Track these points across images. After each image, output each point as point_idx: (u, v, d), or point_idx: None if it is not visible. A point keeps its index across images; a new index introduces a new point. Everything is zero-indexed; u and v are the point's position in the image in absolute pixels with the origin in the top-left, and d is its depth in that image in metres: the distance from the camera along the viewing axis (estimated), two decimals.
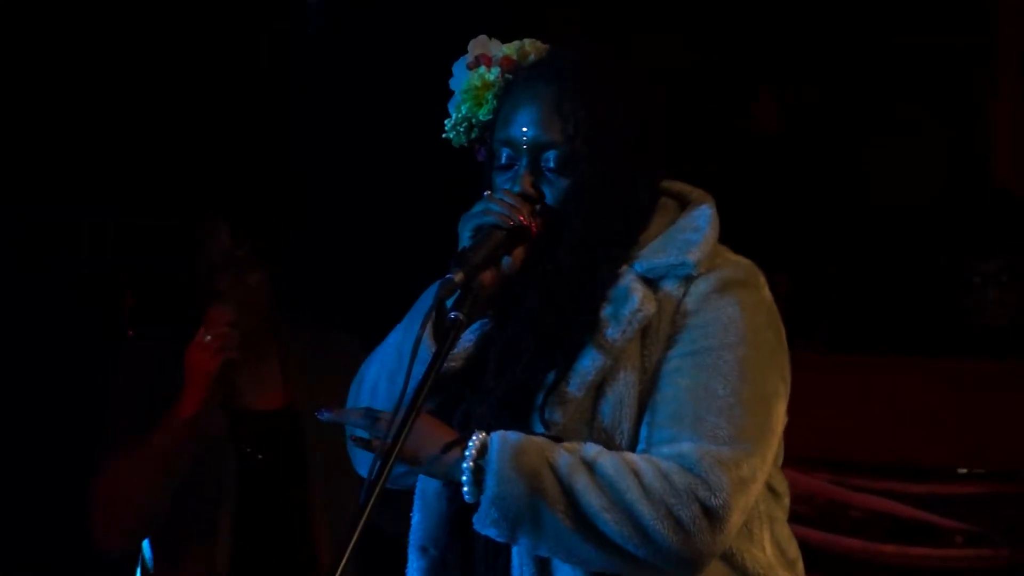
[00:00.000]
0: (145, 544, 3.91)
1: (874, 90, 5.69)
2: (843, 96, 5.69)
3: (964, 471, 4.45)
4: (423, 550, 2.61)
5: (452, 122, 2.65)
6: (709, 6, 5.60)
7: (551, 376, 2.49)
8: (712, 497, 2.39)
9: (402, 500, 2.67)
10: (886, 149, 5.68)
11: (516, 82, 2.60)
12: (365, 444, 2.47)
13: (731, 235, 2.63)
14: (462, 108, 2.63)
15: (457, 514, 2.52)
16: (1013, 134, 5.73)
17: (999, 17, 5.70)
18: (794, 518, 2.67)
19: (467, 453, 2.41)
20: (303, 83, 5.02)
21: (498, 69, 2.62)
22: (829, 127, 5.72)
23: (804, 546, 2.67)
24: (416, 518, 2.62)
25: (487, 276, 2.48)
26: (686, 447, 2.42)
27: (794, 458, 2.69)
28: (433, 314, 2.45)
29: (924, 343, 4.92)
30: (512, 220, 2.49)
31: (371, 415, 2.45)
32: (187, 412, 3.72)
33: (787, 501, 2.63)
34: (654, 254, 2.54)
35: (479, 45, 2.64)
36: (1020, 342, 4.83)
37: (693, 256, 2.52)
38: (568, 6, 5.12)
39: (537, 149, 2.54)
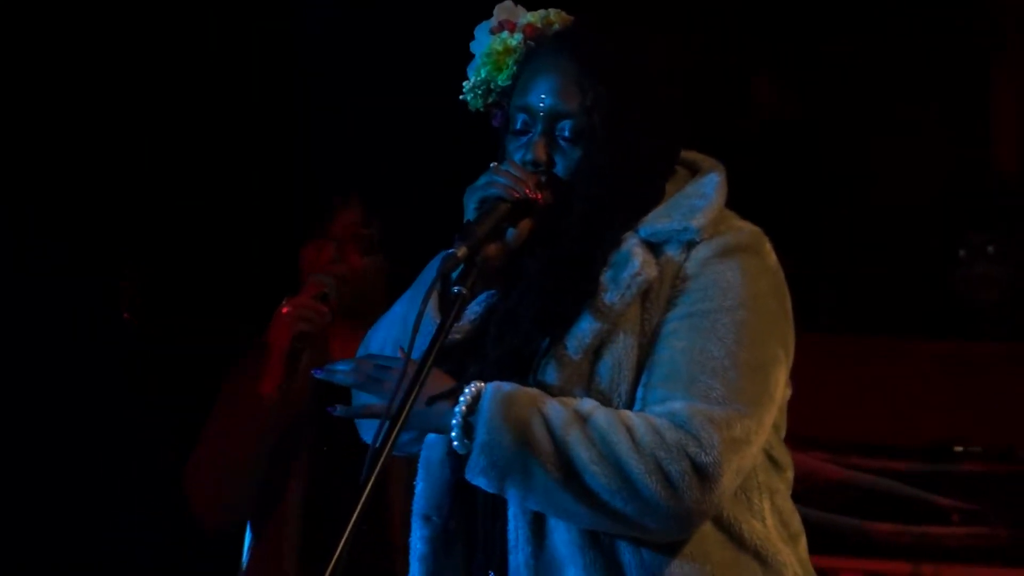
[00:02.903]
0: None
1: (872, 73, 5.69)
2: (841, 79, 5.69)
3: (960, 449, 4.47)
4: (426, 518, 2.62)
5: (470, 85, 2.66)
6: None
7: (547, 341, 2.49)
8: (702, 454, 2.38)
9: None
10: (884, 133, 5.68)
11: (538, 50, 2.61)
12: (368, 412, 2.48)
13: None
14: (481, 72, 2.64)
15: (460, 482, 2.51)
16: (1012, 119, 5.73)
17: (1003, 4, 5.71)
18: (792, 497, 2.67)
19: (458, 408, 2.42)
20: (304, 82, 5.03)
21: (521, 35, 2.63)
22: (826, 110, 5.72)
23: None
24: (420, 486, 2.63)
25: (491, 249, 2.48)
26: (678, 405, 2.41)
27: (793, 438, 2.69)
28: (437, 287, 2.45)
29: (921, 324, 4.93)
30: (517, 192, 2.49)
31: (377, 375, 2.46)
32: (263, 388, 3.62)
33: (790, 475, 2.63)
34: (658, 219, 2.54)
35: (504, 10, 2.66)
36: (1011, 319, 4.85)
37: (697, 222, 2.52)
38: None
39: (553, 118, 2.55)
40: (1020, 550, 4.35)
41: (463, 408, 2.41)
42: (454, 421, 2.42)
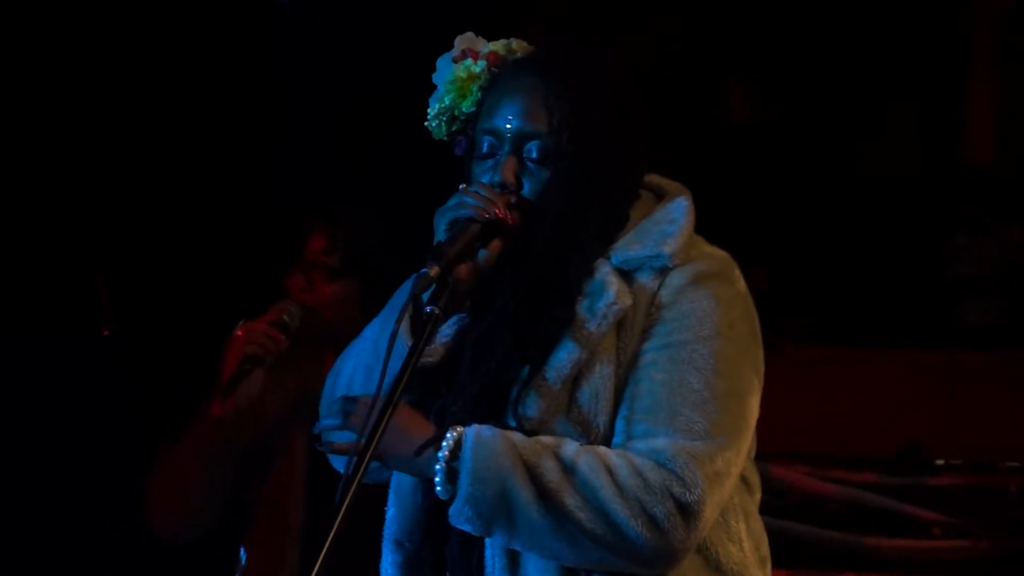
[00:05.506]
0: None
1: (843, 77, 5.69)
2: (813, 83, 5.70)
3: (941, 462, 4.47)
4: (398, 544, 2.61)
5: (434, 112, 2.65)
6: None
7: (526, 370, 2.49)
8: (687, 493, 2.39)
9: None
10: (858, 135, 5.69)
11: (502, 75, 2.61)
12: (330, 448, 2.50)
13: (704, 226, 2.63)
14: (445, 99, 2.64)
15: (432, 508, 2.52)
16: (987, 118, 5.74)
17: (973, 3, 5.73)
18: (772, 511, 2.68)
19: (440, 455, 2.42)
20: (284, 83, 5.03)
21: (484, 63, 2.63)
22: (799, 114, 5.73)
23: (783, 539, 2.66)
24: (391, 512, 2.63)
25: (463, 270, 2.47)
26: (661, 443, 2.42)
27: (772, 451, 2.69)
28: (409, 308, 2.44)
29: (901, 335, 4.94)
30: (488, 213, 2.48)
31: (345, 408, 2.46)
32: (212, 410, 3.63)
33: (759, 496, 2.64)
34: (629, 246, 2.54)
35: (466, 40, 2.66)
36: (993, 329, 4.86)
37: (668, 248, 2.52)
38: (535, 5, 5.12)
39: (520, 139, 2.54)
40: (1001, 563, 4.35)
41: (446, 454, 2.42)
42: (438, 467, 2.42)
